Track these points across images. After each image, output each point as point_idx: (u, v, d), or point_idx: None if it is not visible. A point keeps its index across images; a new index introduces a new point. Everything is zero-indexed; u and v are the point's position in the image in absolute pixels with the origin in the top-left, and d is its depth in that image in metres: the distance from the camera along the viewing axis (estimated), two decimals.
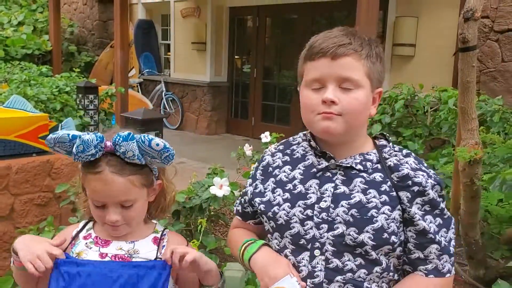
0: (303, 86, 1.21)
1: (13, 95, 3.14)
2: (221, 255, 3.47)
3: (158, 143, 1.20)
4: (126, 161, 1.22)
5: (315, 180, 1.20)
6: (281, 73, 8.56)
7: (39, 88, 6.44)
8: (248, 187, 1.32)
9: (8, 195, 2.97)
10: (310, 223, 1.17)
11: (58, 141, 1.21)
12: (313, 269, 1.15)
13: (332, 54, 1.13)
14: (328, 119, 1.14)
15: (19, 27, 9.18)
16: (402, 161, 1.20)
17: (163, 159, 1.23)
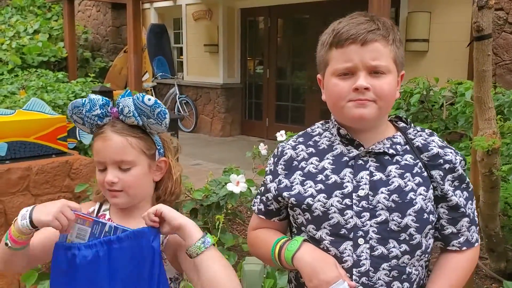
0: (329, 74, 1.19)
1: (32, 98, 3.20)
2: (239, 252, 3.48)
3: (149, 98, 1.26)
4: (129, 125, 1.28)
5: (348, 168, 1.19)
6: (294, 73, 8.56)
7: (55, 93, 6.54)
8: (270, 183, 1.28)
9: (29, 195, 3.03)
10: (350, 212, 1.16)
11: (74, 106, 1.29)
12: (358, 258, 1.14)
13: (362, 41, 1.13)
14: (362, 106, 1.14)
15: (35, 35, 9.32)
16: (429, 140, 1.23)
17: (156, 116, 1.26)
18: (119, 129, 1.28)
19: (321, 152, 1.25)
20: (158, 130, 1.32)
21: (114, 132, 1.28)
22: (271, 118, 8.69)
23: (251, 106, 9.10)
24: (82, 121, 1.31)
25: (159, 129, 1.31)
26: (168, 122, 1.28)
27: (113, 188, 1.27)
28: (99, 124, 1.30)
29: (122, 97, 1.27)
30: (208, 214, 3.32)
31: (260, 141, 7.16)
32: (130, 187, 1.29)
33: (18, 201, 2.97)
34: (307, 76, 8.23)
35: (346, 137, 1.23)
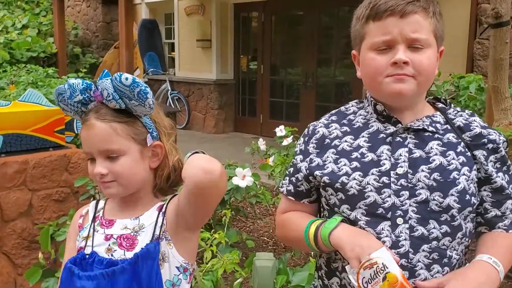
0: (366, 49, 1.13)
1: (28, 89, 3.07)
2: (243, 249, 3.40)
3: (127, 77, 1.13)
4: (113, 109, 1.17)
5: (386, 146, 1.13)
6: (288, 69, 8.50)
7: (47, 89, 6.40)
8: (300, 163, 1.22)
9: (26, 190, 2.90)
10: (387, 191, 1.10)
11: (58, 94, 1.18)
12: (397, 239, 1.08)
13: (401, 12, 1.07)
14: (401, 81, 1.08)
15: (24, 30, 9.14)
16: (470, 120, 1.17)
17: (137, 96, 1.13)
18: (102, 115, 1.17)
19: (356, 130, 1.19)
20: (143, 112, 1.19)
21: (97, 119, 1.16)
22: (265, 114, 8.60)
23: (245, 103, 9.00)
24: (67, 108, 1.20)
25: (144, 111, 1.18)
26: (151, 103, 1.15)
27: (104, 180, 1.18)
28: (84, 111, 1.19)
29: (100, 79, 1.15)
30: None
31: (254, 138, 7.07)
32: (121, 177, 1.18)
33: (14, 196, 2.84)
34: (301, 72, 8.17)
35: (383, 113, 1.16)
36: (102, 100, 1.16)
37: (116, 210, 1.24)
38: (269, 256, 2.32)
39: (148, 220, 1.20)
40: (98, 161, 1.16)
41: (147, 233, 1.18)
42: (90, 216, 1.25)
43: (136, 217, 1.21)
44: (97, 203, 1.29)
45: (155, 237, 1.17)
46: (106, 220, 1.22)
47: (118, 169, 1.17)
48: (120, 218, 1.21)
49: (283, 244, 3.84)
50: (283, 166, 3.47)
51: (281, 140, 4.22)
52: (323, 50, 7.86)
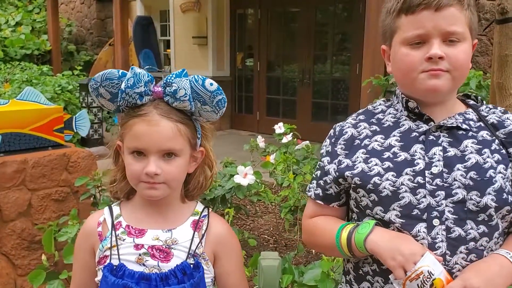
0: (398, 43, 1.10)
1: (26, 87, 3.02)
2: (245, 247, 3.38)
3: (212, 83, 1.12)
4: (175, 108, 1.13)
5: (419, 144, 1.10)
6: (285, 66, 8.47)
7: (42, 87, 6.34)
8: (328, 165, 1.18)
9: (25, 190, 2.86)
10: (422, 191, 1.06)
11: (106, 78, 1.11)
12: (433, 241, 1.05)
13: (436, 6, 1.03)
14: (436, 76, 1.05)
15: (17, 28, 9.05)
16: (504, 118, 1.14)
17: (215, 103, 1.13)
18: (166, 112, 1.12)
19: (386, 129, 1.15)
20: (209, 118, 1.18)
21: (162, 116, 1.11)
22: (262, 111, 8.57)
23: (241, 100, 8.97)
24: (110, 96, 1.13)
25: (212, 117, 1.17)
26: (223, 112, 1.17)
27: (153, 180, 1.12)
28: (136, 104, 1.12)
29: (177, 77, 1.11)
30: (213, 209, 3.19)
31: (251, 135, 7.05)
32: (173, 180, 1.15)
33: (13, 196, 2.80)
34: (298, 69, 8.14)
35: (414, 111, 1.13)
36: (162, 96, 1.12)
37: (143, 218, 1.19)
38: (275, 255, 2.29)
39: (183, 237, 1.17)
40: (152, 159, 1.10)
41: (183, 249, 1.16)
42: (108, 223, 1.19)
43: (168, 230, 1.17)
44: (110, 208, 1.23)
45: (191, 254, 1.16)
46: (135, 229, 1.17)
47: (173, 171, 1.13)
48: (151, 228, 1.17)
49: (284, 242, 3.82)
50: (285, 164, 3.45)
51: (280, 137, 4.19)
52: (319, 47, 7.84)
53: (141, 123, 1.11)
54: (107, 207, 1.24)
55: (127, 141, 1.13)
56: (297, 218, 3.56)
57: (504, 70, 2.33)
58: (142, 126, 1.11)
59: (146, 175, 1.11)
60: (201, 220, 1.21)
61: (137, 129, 1.11)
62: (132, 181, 1.15)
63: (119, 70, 1.10)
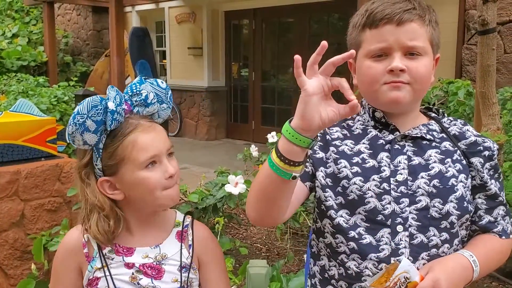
0: (362, 56, 1.13)
1: (19, 99, 3.06)
2: (236, 256, 3.40)
3: (162, 81, 1.20)
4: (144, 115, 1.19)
5: (385, 152, 1.13)
6: (279, 76, 8.53)
7: (38, 98, 6.37)
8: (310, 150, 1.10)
9: (18, 200, 2.89)
10: (387, 197, 1.09)
11: (92, 106, 1.08)
12: (397, 247, 1.07)
13: (398, 21, 1.07)
14: (397, 88, 1.08)
15: (14, 39, 9.10)
16: (464, 129, 1.18)
17: (168, 99, 1.20)
18: (146, 119, 1.17)
19: (356, 136, 1.18)
20: (165, 116, 1.23)
21: (152, 122, 1.17)
22: (257, 121, 8.62)
23: (237, 109, 9.02)
24: (96, 125, 1.09)
25: (167, 114, 1.23)
26: None
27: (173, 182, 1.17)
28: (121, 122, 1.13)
29: (141, 84, 1.16)
30: (204, 218, 3.22)
31: (246, 144, 7.09)
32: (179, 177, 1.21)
33: (6, 206, 2.83)
34: (293, 78, 8.19)
35: (381, 120, 1.17)
36: (130, 109, 1.16)
37: (128, 235, 1.18)
38: (263, 263, 2.32)
39: (171, 251, 1.19)
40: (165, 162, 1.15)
41: (174, 263, 1.18)
42: (94, 244, 1.17)
43: (156, 245, 1.18)
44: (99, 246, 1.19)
45: (182, 265, 1.18)
46: (123, 248, 1.16)
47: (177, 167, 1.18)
48: (139, 246, 1.17)
49: (276, 251, 3.84)
50: None
51: (273, 146, 4.22)
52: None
53: (141, 134, 1.13)
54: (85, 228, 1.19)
55: (136, 158, 1.11)
56: (288, 227, 3.59)
57: (486, 79, 2.39)
58: (144, 136, 1.13)
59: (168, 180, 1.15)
60: (185, 230, 1.23)
61: (142, 140, 1.12)
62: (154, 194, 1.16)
63: (96, 95, 1.12)
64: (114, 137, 1.12)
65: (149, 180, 1.13)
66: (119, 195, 1.15)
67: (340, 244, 1.12)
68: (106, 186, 1.14)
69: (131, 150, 1.12)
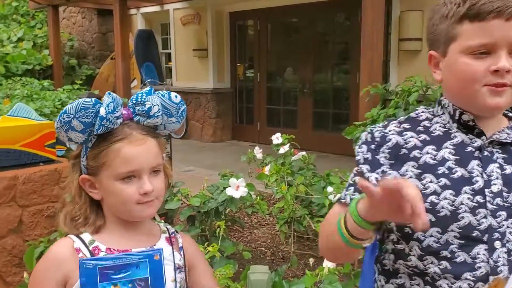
0: (457, 52, 1.01)
1: (17, 103, 3.02)
2: (240, 260, 3.34)
3: (176, 95, 1.18)
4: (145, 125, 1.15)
5: (475, 161, 1.02)
6: (285, 76, 8.46)
7: (42, 102, 6.35)
8: (368, 173, 1.06)
9: (16, 206, 2.84)
10: (483, 211, 0.99)
11: (81, 108, 1.07)
12: (495, 264, 0.98)
13: (509, 15, 0.96)
14: (499, 94, 0.98)
15: (19, 43, 9.12)
16: None
17: (180, 114, 1.18)
18: (144, 130, 1.14)
19: (437, 139, 1.05)
20: (173, 129, 1.21)
21: (143, 134, 1.13)
22: (263, 122, 8.56)
23: (242, 111, 8.97)
24: (83, 126, 1.09)
25: (175, 127, 1.21)
26: None
27: (148, 200, 1.12)
28: (112, 128, 1.11)
29: (148, 95, 1.13)
30: (207, 221, 3.16)
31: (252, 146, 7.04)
32: (161, 193, 1.16)
33: (4, 212, 2.78)
34: (298, 79, 8.14)
35: (467, 124, 1.05)
36: (132, 117, 1.14)
37: (121, 239, 1.16)
38: (264, 269, 2.25)
39: (165, 252, 1.16)
40: (145, 179, 1.11)
41: (169, 263, 1.17)
42: (84, 250, 1.12)
43: (150, 246, 1.17)
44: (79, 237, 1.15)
45: (176, 266, 1.18)
46: (119, 251, 1.13)
47: (161, 185, 1.15)
48: (134, 248, 1.14)
49: (281, 255, 3.77)
50: (278, 175, 3.42)
51: (277, 148, 4.16)
52: (319, 56, 7.83)
53: (128, 146, 1.11)
54: (72, 235, 1.16)
55: (116, 167, 1.10)
56: (293, 230, 3.52)
57: None
58: (131, 148, 1.11)
59: (143, 195, 1.11)
60: (173, 236, 1.24)
61: (126, 152, 1.10)
62: (126, 206, 1.12)
63: (91, 98, 1.09)
64: (103, 140, 1.12)
65: (122, 193, 1.12)
66: (97, 195, 1.16)
67: (430, 265, 1.02)
68: (86, 184, 1.16)
69: (112, 159, 1.11)
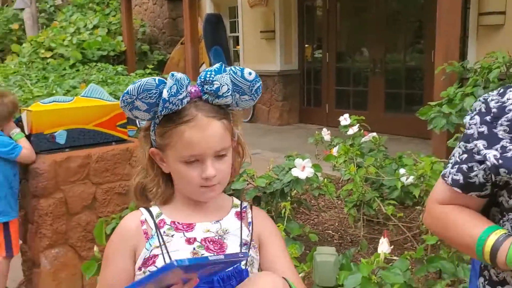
0: None
1: (90, 84, 3.13)
2: (306, 242, 3.28)
3: (250, 72, 1.10)
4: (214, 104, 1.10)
5: None
6: (355, 56, 8.21)
7: (115, 86, 6.59)
8: (485, 150, 0.97)
9: (90, 184, 2.96)
10: None
11: (144, 90, 1.05)
12: None
13: None
14: None
15: (94, 30, 9.51)
16: None
17: (254, 92, 1.12)
18: (210, 112, 1.09)
19: None
20: (246, 106, 1.16)
21: (209, 117, 1.08)
22: (331, 104, 8.38)
23: (310, 93, 8.82)
24: (147, 106, 1.08)
25: (249, 105, 1.16)
26: None
27: (211, 183, 1.10)
28: (177, 109, 1.08)
29: (217, 74, 1.08)
30: (272, 202, 3.13)
31: (319, 129, 6.92)
32: (225, 178, 1.13)
33: (79, 189, 2.91)
34: (369, 59, 7.86)
35: None
36: (200, 95, 1.10)
37: (188, 214, 1.16)
38: (331, 250, 2.19)
39: (231, 226, 1.15)
40: (209, 163, 1.08)
41: (235, 239, 1.14)
42: (150, 222, 1.14)
43: (216, 221, 1.15)
44: (147, 209, 1.17)
45: (243, 242, 1.15)
46: (183, 225, 1.13)
47: (225, 169, 1.12)
48: (199, 222, 1.14)
49: (349, 238, 3.67)
50: (347, 156, 3.31)
51: (345, 129, 4.04)
52: (391, 35, 7.52)
53: (191, 130, 1.07)
54: (142, 208, 1.18)
55: (178, 150, 1.09)
56: (362, 214, 3.41)
57: None
58: (194, 133, 1.07)
59: (205, 180, 1.09)
60: (243, 211, 1.20)
61: (189, 137, 1.07)
62: (189, 188, 1.12)
63: (155, 78, 1.06)
64: (169, 120, 1.10)
65: (185, 174, 1.11)
66: (167, 168, 1.15)
67: None
68: (157, 157, 1.15)
69: (176, 141, 1.09)
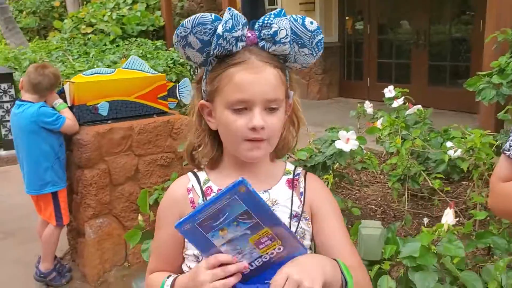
0: None
1: (131, 56, 3.12)
2: (348, 217, 3.23)
3: (312, 21, 1.01)
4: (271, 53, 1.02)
5: None
6: (397, 28, 7.93)
7: (155, 60, 6.62)
8: None
9: (132, 156, 2.98)
10: None
11: (199, 23, 0.98)
12: None
13: None
14: None
15: (134, 6, 9.56)
16: None
17: (314, 45, 1.03)
18: (266, 58, 1.01)
19: None
20: (305, 63, 1.07)
21: (264, 62, 1.00)
22: (373, 77, 8.16)
23: (351, 66, 8.62)
24: (201, 44, 1.00)
25: (308, 62, 1.07)
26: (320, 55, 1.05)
27: (257, 137, 1.00)
28: (231, 51, 1.00)
29: (276, 17, 0.99)
30: None
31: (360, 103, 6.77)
32: (275, 135, 1.04)
33: (122, 161, 2.94)
34: (412, 30, 7.58)
35: None
36: (256, 41, 1.02)
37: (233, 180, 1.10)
38: (377, 224, 2.12)
39: (281, 196, 1.08)
40: (256, 111, 0.99)
41: (285, 210, 1.07)
42: (197, 190, 1.10)
43: (264, 191, 1.08)
44: (195, 174, 1.13)
45: (293, 214, 1.07)
46: None
47: (276, 124, 1.02)
48: None
49: (392, 213, 3.59)
50: (391, 128, 3.20)
51: (390, 101, 3.90)
52: (436, 5, 7.20)
53: (243, 71, 0.99)
54: (190, 173, 1.14)
55: (227, 94, 1.00)
56: (406, 188, 3.31)
57: None
58: (245, 74, 0.99)
59: (251, 131, 0.99)
60: (296, 179, 1.11)
61: (239, 78, 0.99)
62: (235, 139, 1.03)
63: (212, 14, 0.99)
64: (222, 63, 1.02)
65: (231, 124, 1.01)
66: (214, 124, 1.08)
67: None
68: (205, 111, 1.08)
69: (225, 84, 1.01)
